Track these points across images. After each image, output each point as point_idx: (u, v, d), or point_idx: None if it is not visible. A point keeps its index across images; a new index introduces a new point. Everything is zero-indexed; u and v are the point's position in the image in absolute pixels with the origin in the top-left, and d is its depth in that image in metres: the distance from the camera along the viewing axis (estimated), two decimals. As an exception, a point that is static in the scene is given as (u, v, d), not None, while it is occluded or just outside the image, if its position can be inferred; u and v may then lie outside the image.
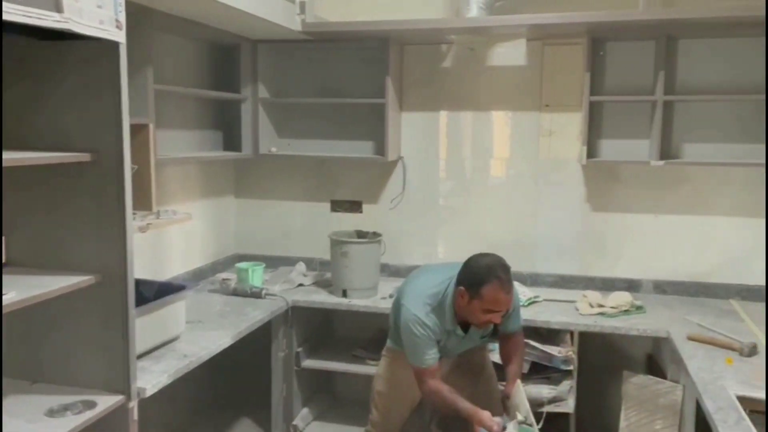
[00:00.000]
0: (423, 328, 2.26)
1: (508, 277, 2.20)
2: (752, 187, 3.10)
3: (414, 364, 2.31)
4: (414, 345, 2.28)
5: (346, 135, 3.57)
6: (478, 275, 2.19)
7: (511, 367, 2.45)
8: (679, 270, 3.24)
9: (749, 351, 2.40)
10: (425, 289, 2.32)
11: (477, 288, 2.18)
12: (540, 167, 3.38)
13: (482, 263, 2.21)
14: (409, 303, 2.30)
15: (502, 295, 2.18)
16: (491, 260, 2.22)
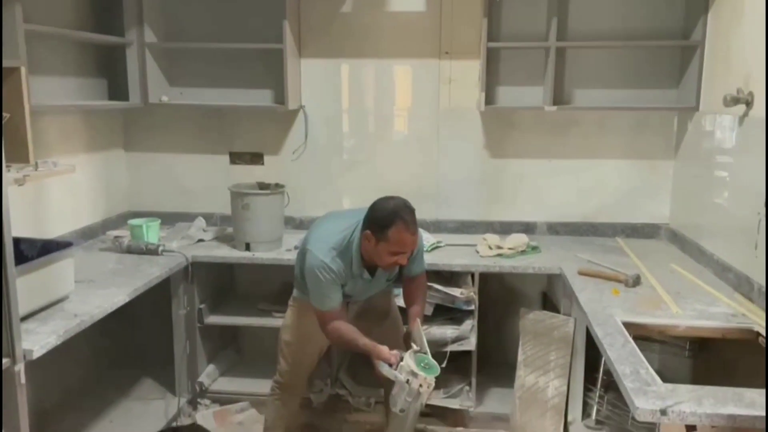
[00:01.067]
0: (328, 273, 2.25)
1: (413, 218, 2.23)
2: (636, 131, 3.30)
3: (317, 307, 2.31)
4: (318, 289, 2.28)
5: (244, 83, 3.43)
6: (384, 218, 2.20)
7: (414, 308, 2.49)
8: (570, 211, 3.42)
9: (633, 282, 2.58)
10: (331, 235, 2.31)
11: (383, 230, 2.19)
12: (441, 115, 3.42)
13: (387, 206, 2.23)
14: (314, 248, 2.29)
15: (408, 235, 2.20)
16: (396, 203, 2.24)
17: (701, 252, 2.84)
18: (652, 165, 3.31)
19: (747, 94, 2.43)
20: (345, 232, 2.31)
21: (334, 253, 2.27)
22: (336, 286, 2.29)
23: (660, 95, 3.18)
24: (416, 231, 2.25)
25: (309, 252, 2.29)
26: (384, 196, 2.30)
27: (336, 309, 2.31)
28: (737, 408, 1.61)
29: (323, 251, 2.27)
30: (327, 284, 2.27)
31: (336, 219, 2.41)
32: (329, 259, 2.26)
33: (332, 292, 2.29)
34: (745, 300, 2.35)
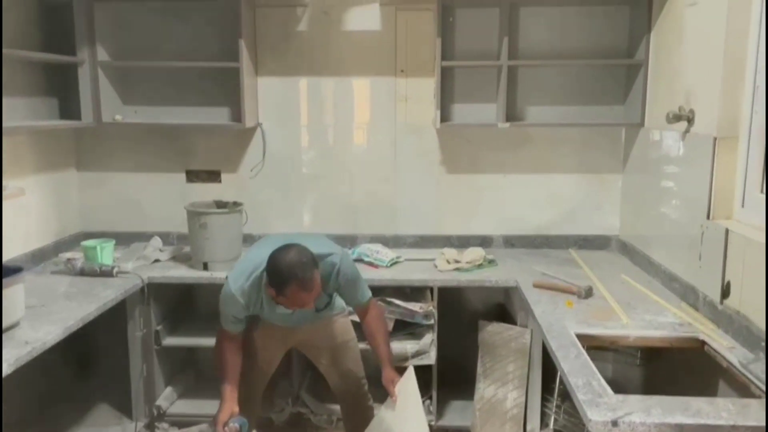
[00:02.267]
0: (233, 305, 2.31)
1: (310, 275, 2.18)
2: (586, 146, 3.40)
3: (222, 324, 2.41)
4: (223, 312, 2.37)
5: (200, 101, 3.41)
6: (280, 276, 2.18)
7: (380, 350, 2.51)
8: (525, 224, 3.50)
9: (586, 293, 2.66)
10: (249, 267, 2.31)
11: (279, 288, 2.20)
12: (398, 132, 3.46)
13: (282, 263, 2.18)
14: (231, 277, 2.33)
15: (303, 294, 2.19)
16: (291, 259, 2.17)
17: (650, 262, 2.95)
18: (602, 178, 3.42)
19: (688, 111, 2.55)
20: (260, 260, 2.29)
21: (247, 286, 2.29)
22: (239, 316, 2.36)
23: (608, 111, 3.30)
24: (313, 286, 2.20)
25: (226, 280, 2.34)
26: (281, 248, 2.23)
27: (233, 333, 2.41)
28: (684, 417, 1.67)
29: (236, 283, 2.30)
30: (230, 313, 2.35)
31: (262, 248, 2.36)
32: (239, 292, 2.29)
33: (235, 320, 2.37)
34: (691, 309, 2.45)
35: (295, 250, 2.21)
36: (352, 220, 3.54)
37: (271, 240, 2.43)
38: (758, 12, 2.22)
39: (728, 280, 2.23)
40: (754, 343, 2.03)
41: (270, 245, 2.33)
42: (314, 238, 2.46)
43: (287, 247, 2.22)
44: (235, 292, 2.29)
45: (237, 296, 2.28)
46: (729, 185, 2.35)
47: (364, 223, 3.54)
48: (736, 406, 1.73)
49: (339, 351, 2.66)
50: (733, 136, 2.32)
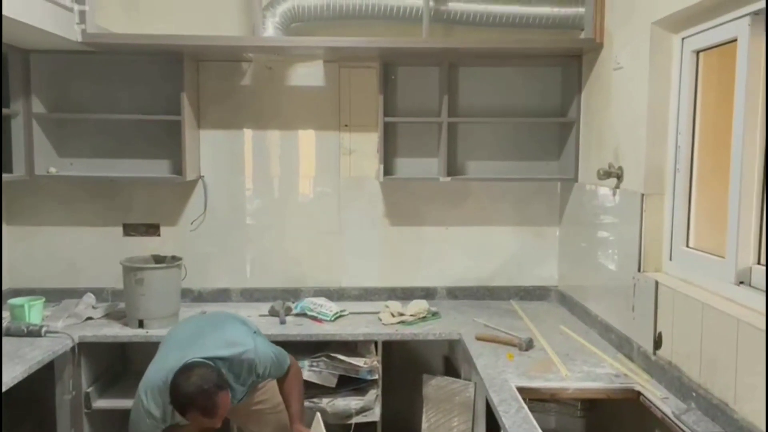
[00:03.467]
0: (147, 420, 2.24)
1: (211, 403, 2.11)
2: (524, 200, 3.51)
3: None
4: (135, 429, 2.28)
5: (139, 153, 3.35)
6: (180, 403, 2.14)
7: (293, 407, 2.49)
8: (467, 276, 3.55)
9: (526, 345, 2.69)
10: (159, 378, 2.23)
11: (181, 413, 2.17)
12: (342, 185, 3.49)
13: (183, 391, 2.12)
14: (142, 392, 2.25)
15: (205, 420, 2.15)
16: (192, 387, 2.11)
17: (587, 313, 3.03)
18: (540, 231, 3.52)
19: (617, 168, 2.67)
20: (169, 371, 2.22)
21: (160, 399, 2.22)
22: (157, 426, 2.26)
23: (543, 167, 3.43)
24: (217, 412, 2.13)
25: (137, 398, 2.26)
26: (184, 370, 2.16)
27: None
28: (621, 470, 1.69)
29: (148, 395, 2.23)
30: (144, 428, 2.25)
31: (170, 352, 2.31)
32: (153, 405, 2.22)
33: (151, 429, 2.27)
34: (626, 360, 2.51)
35: (198, 374, 2.13)
36: (295, 273, 3.51)
37: (178, 341, 2.36)
38: (677, 75, 2.37)
39: (660, 331, 2.30)
40: (686, 393, 2.09)
41: (177, 348, 2.28)
42: (223, 329, 2.41)
43: (190, 370, 2.14)
44: (150, 408, 2.21)
45: (152, 411, 2.22)
46: (657, 239, 2.45)
47: (308, 276, 3.52)
48: (671, 458, 1.77)
49: (267, 415, 2.60)
50: (659, 193, 2.44)
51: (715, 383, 1.96)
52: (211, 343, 2.30)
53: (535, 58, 3.31)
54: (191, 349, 2.26)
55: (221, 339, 2.32)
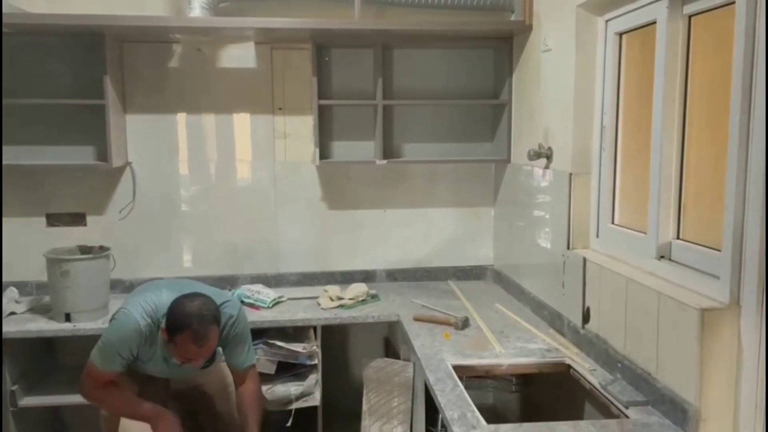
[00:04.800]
0: (128, 340, 2.17)
1: (205, 331, 2.12)
2: (460, 181, 3.55)
3: (98, 365, 2.19)
4: (113, 344, 2.18)
5: (62, 140, 3.19)
6: (177, 321, 2.12)
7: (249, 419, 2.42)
8: (406, 258, 3.57)
9: (462, 324, 2.74)
10: (149, 306, 2.21)
11: (173, 333, 2.13)
12: (278, 169, 3.43)
13: (183, 310, 2.13)
14: (131, 309, 2.19)
15: (194, 347, 2.13)
16: (193, 308, 2.13)
17: (521, 291, 3.10)
18: (476, 211, 3.57)
19: (547, 149, 2.73)
20: (162, 304, 2.20)
21: (148, 321, 2.19)
22: (131, 351, 2.19)
23: (478, 148, 3.47)
24: (206, 342, 2.14)
25: (123, 311, 2.20)
26: (189, 295, 2.19)
27: (106, 373, 2.21)
28: (550, 441, 1.75)
29: (139, 313, 2.18)
30: (125, 343, 2.17)
31: (161, 290, 2.27)
32: (143, 323, 2.18)
33: (123, 354, 2.19)
34: (558, 335, 2.59)
35: (201, 300, 2.16)
36: (232, 261, 3.44)
37: (171, 284, 2.33)
38: (602, 57, 2.44)
39: (588, 305, 2.38)
40: (612, 364, 2.17)
41: (170, 289, 2.25)
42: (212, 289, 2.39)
43: (194, 296, 2.17)
44: (142, 325, 2.16)
45: (137, 330, 2.16)
46: (585, 217, 2.53)
47: (245, 263, 3.46)
48: (597, 427, 1.84)
49: (221, 397, 2.54)
50: (585, 172, 2.52)
51: (638, 354, 2.04)
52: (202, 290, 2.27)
53: (467, 40, 3.33)
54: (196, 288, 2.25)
55: (209, 290, 2.31)
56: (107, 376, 2.21)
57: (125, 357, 2.19)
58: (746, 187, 1.66)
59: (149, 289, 2.33)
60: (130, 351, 2.19)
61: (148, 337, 2.20)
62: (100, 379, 2.21)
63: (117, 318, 2.20)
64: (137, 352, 2.21)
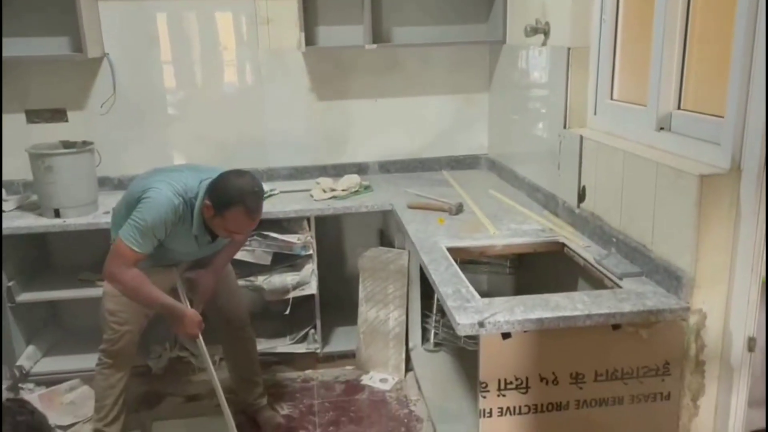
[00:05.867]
0: (170, 212, 2.10)
1: (257, 205, 2.12)
2: (454, 67, 3.41)
3: (130, 244, 2.09)
4: (146, 224, 2.08)
5: (33, 30, 3.03)
6: (227, 196, 2.07)
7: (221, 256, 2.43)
8: (399, 149, 3.50)
9: (456, 210, 2.71)
10: (179, 187, 2.13)
11: (223, 208, 2.08)
12: (262, 59, 3.28)
13: (234, 185, 2.09)
14: (161, 186, 2.11)
15: (247, 221, 2.11)
16: (244, 183, 2.09)
17: (515, 177, 3.06)
18: (470, 98, 3.46)
19: (544, 24, 2.60)
20: (192, 189, 2.14)
21: (181, 200, 2.12)
22: (165, 230, 2.13)
23: (472, 30, 3.31)
24: (257, 217, 2.14)
25: (153, 189, 2.10)
26: (235, 170, 2.16)
27: (138, 252, 2.12)
28: (544, 312, 1.76)
29: (172, 191, 2.11)
30: (161, 222, 2.10)
31: (185, 172, 2.21)
32: (177, 201, 2.11)
33: (158, 233, 2.12)
34: (552, 216, 2.57)
35: (249, 176, 2.14)
36: (221, 156, 3.34)
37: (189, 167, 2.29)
38: None
39: (584, 184, 2.34)
40: (606, 240, 2.17)
41: (191, 171, 2.21)
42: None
43: (240, 172, 2.15)
44: (177, 204, 2.10)
45: (173, 208, 2.10)
46: (582, 94, 2.44)
47: (234, 158, 3.36)
48: (590, 297, 1.85)
49: (222, 283, 2.55)
50: (584, 47, 2.40)
51: (633, 228, 2.03)
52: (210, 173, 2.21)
53: None
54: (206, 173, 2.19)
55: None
56: (138, 256, 2.12)
57: (159, 237, 2.13)
58: (753, 50, 1.58)
59: (166, 171, 2.25)
60: (164, 230, 2.13)
61: (182, 216, 2.15)
62: (131, 260, 2.12)
63: (150, 197, 2.10)
64: (169, 231, 2.15)
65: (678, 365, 1.81)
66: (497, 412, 1.82)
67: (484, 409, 1.81)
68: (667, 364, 1.81)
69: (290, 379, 3.04)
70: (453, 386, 2.75)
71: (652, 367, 1.82)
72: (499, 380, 1.79)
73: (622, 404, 1.84)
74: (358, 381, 3.00)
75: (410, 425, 2.67)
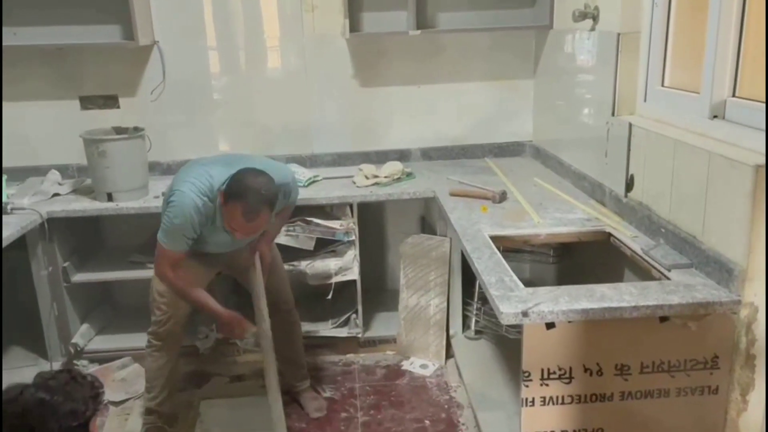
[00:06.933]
0: (195, 213, 2.16)
1: (256, 208, 2.09)
2: (498, 53, 3.37)
3: (164, 244, 2.20)
4: (177, 225, 2.17)
5: (87, 19, 3.11)
6: (233, 188, 2.10)
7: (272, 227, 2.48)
8: (441, 136, 3.48)
9: (500, 198, 2.69)
10: (205, 184, 2.18)
11: (227, 199, 2.12)
12: (307, 46, 3.30)
13: (243, 180, 2.10)
14: (185, 188, 2.17)
15: (241, 219, 2.11)
16: (253, 183, 2.09)
17: (561, 164, 3.02)
18: (515, 85, 3.42)
19: (593, 8, 2.54)
20: (217, 180, 2.18)
21: (205, 199, 2.17)
22: (194, 230, 2.20)
23: (518, 14, 3.25)
24: (255, 218, 2.11)
25: (177, 192, 2.18)
26: (257, 170, 2.14)
27: (177, 252, 2.22)
28: (589, 302, 1.74)
29: (194, 192, 2.16)
30: (187, 224, 2.17)
31: (217, 166, 2.24)
32: (200, 202, 2.16)
33: (188, 234, 2.19)
34: (598, 205, 2.53)
35: (265, 178, 2.11)
36: (266, 141, 3.41)
37: (223, 159, 2.31)
38: None
39: (632, 173, 2.30)
40: (655, 231, 2.13)
41: (223, 164, 2.22)
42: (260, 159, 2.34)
43: (260, 173, 2.12)
44: (200, 204, 2.15)
45: (196, 209, 2.15)
46: (632, 81, 2.39)
47: (279, 143, 3.42)
48: (638, 288, 1.82)
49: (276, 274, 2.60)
50: (635, 32, 2.34)
51: (683, 218, 1.98)
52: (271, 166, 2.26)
53: None
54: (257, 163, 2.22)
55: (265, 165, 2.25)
56: (176, 256, 2.22)
57: (189, 236, 2.20)
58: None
59: (195, 166, 2.28)
60: (193, 230, 2.19)
61: (209, 215, 2.20)
62: (172, 259, 2.22)
63: (173, 201, 2.17)
64: (200, 229, 2.22)
65: (727, 359, 1.78)
66: (540, 401, 1.81)
67: (526, 398, 1.81)
68: (716, 357, 1.78)
69: (332, 363, 3.09)
70: (494, 374, 2.76)
71: (700, 360, 1.79)
72: (542, 370, 1.79)
73: (668, 397, 1.82)
74: (398, 366, 3.03)
75: (451, 411, 2.69)
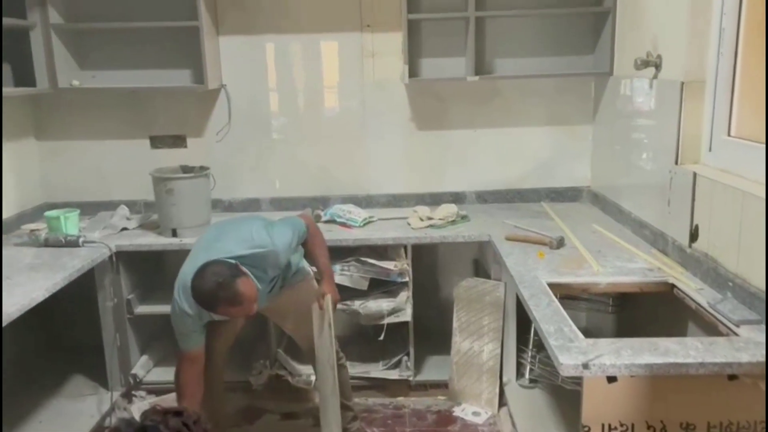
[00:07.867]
0: (185, 317, 2.26)
1: (232, 291, 2.09)
2: (556, 97, 3.38)
3: (182, 348, 2.36)
4: (179, 332, 2.32)
5: (160, 63, 3.30)
6: (206, 302, 2.14)
7: (320, 261, 2.54)
8: (496, 179, 3.49)
9: (557, 244, 2.66)
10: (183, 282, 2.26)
11: (213, 310, 2.17)
12: (366, 90, 3.39)
13: (203, 290, 2.11)
14: (176, 292, 2.28)
15: (233, 310, 2.15)
16: (208, 284, 2.09)
17: (620, 211, 2.97)
18: (572, 130, 3.41)
19: (656, 57, 2.53)
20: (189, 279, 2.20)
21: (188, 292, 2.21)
22: (195, 327, 2.30)
23: (577, 61, 3.27)
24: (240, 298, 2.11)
25: (173, 298, 2.29)
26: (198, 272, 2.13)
27: (194, 351, 2.34)
28: (652, 357, 1.69)
29: (181, 295, 2.25)
30: (187, 326, 2.30)
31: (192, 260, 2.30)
32: (186, 305, 2.24)
33: (191, 333, 2.32)
34: (660, 255, 2.47)
35: (209, 272, 2.11)
36: (322, 182, 3.50)
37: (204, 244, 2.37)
38: (724, -48, 2.19)
39: (696, 223, 2.24)
40: (722, 283, 2.06)
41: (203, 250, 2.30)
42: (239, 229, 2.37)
43: (203, 271, 2.13)
44: (186, 308, 2.25)
45: (185, 309, 2.25)
46: (696, 130, 2.35)
47: (335, 184, 3.50)
48: (704, 344, 1.76)
49: (303, 316, 2.62)
50: (700, 81, 2.32)
51: (753, 272, 1.92)
52: (230, 243, 2.30)
53: (567, -58, 3.08)
54: (213, 251, 2.27)
55: (238, 238, 2.32)
56: (192, 355, 2.35)
57: (198, 330, 2.33)
58: None
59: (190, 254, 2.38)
60: (194, 325, 2.30)
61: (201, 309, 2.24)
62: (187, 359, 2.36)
63: (172, 308, 2.32)
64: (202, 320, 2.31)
65: (802, 423, 1.69)
66: (599, 457, 1.76)
67: (585, 454, 1.75)
68: (789, 420, 1.69)
69: (382, 405, 3.07)
70: (550, 425, 2.68)
71: (771, 423, 1.70)
72: (602, 425, 1.73)
73: (737, 460, 1.73)
74: (450, 412, 2.99)
75: (503, 461, 2.62)
